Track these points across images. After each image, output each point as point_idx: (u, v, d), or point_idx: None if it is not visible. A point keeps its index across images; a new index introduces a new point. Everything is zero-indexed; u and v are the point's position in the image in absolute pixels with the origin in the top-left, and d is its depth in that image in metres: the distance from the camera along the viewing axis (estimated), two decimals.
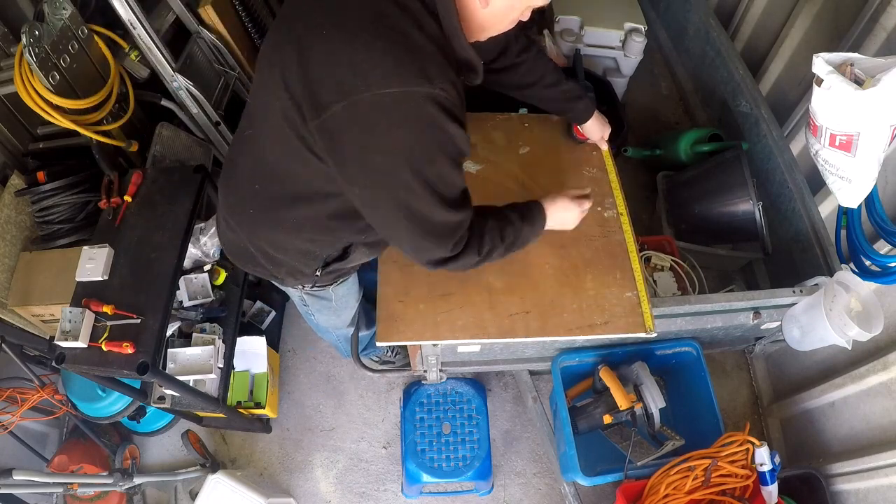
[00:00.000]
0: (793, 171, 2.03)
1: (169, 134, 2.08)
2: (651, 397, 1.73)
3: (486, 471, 2.11)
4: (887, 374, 1.69)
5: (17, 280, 1.87)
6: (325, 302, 1.60)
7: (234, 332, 1.92)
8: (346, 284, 1.57)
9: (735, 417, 2.34)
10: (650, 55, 3.01)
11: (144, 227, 1.68)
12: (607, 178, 1.76)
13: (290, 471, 2.31)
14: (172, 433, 2.34)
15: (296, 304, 1.71)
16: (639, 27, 2.69)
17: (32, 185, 1.90)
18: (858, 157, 1.41)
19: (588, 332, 1.49)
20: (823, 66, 1.34)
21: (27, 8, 1.92)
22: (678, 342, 1.90)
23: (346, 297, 1.65)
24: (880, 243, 1.72)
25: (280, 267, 1.38)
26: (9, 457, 2.04)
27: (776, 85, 2.45)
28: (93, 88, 1.85)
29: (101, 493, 2.14)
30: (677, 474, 1.67)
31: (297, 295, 1.58)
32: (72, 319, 1.47)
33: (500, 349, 1.90)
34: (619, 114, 2.61)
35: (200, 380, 1.78)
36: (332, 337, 2.04)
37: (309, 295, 1.56)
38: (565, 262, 1.58)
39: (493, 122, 1.85)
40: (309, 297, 1.58)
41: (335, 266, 1.39)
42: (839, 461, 1.84)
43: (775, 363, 2.35)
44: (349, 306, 1.71)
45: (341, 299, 1.62)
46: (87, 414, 2.08)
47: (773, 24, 2.46)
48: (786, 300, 1.73)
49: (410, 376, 2.39)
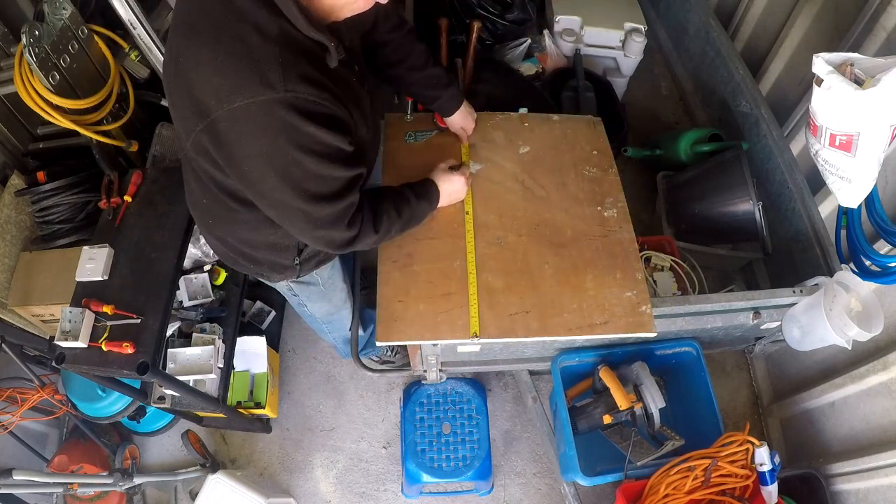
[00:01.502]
0: (793, 171, 2.03)
1: (169, 134, 2.08)
2: (651, 397, 1.73)
3: (486, 471, 2.11)
4: (887, 374, 1.69)
5: (17, 280, 1.88)
6: (313, 287, 1.64)
7: (234, 332, 1.92)
8: (329, 268, 1.60)
9: (735, 417, 2.34)
10: (650, 55, 3.02)
11: (144, 227, 1.68)
12: (608, 178, 1.76)
13: (290, 471, 2.31)
14: (172, 433, 2.34)
15: (288, 300, 1.74)
16: (639, 27, 2.69)
17: (32, 185, 1.90)
18: (858, 157, 1.41)
19: (588, 331, 1.49)
20: (823, 66, 1.34)
21: (27, 8, 1.92)
22: (678, 342, 1.90)
23: (333, 279, 1.68)
24: (880, 243, 1.72)
25: (261, 264, 1.45)
26: (9, 457, 2.04)
27: (776, 85, 2.45)
28: (93, 88, 1.85)
29: (101, 493, 2.14)
30: (677, 474, 1.67)
31: (285, 286, 1.62)
32: (72, 319, 1.47)
33: (500, 349, 1.90)
34: (619, 114, 2.62)
35: (200, 380, 1.78)
36: (330, 337, 2.04)
37: (296, 283, 1.60)
38: (565, 262, 1.58)
39: (493, 121, 1.85)
40: (296, 285, 1.61)
41: (309, 252, 1.45)
42: (839, 461, 1.84)
43: (775, 363, 2.35)
44: (337, 288, 1.74)
45: (328, 282, 1.65)
46: (87, 414, 2.08)
47: (773, 24, 2.46)
48: (786, 300, 1.73)
49: (410, 376, 2.39)
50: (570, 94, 2.52)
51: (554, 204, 1.68)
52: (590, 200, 1.70)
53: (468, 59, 2.25)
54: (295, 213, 1.16)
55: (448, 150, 1.77)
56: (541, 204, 1.68)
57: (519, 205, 1.67)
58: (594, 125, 1.88)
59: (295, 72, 1.00)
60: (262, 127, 1.01)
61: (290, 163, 1.06)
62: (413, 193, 1.45)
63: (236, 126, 1.01)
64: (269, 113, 0.99)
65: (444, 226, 1.62)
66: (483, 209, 1.66)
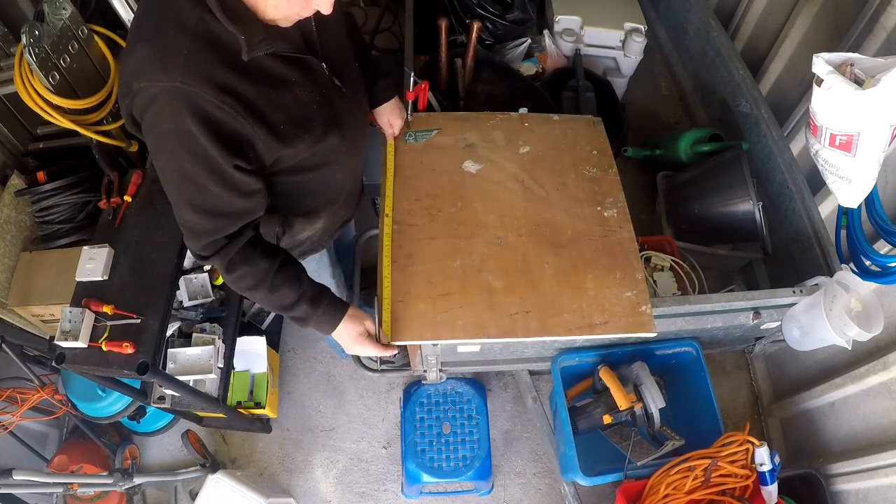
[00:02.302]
0: (793, 171, 2.03)
1: None
2: (651, 397, 1.72)
3: (486, 471, 2.11)
4: (887, 374, 1.69)
5: (17, 280, 1.88)
6: None
7: (234, 332, 1.92)
8: (314, 261, 1.61)
9: (735, 417, 2.34)
10: (650, 55, 3.02)
11: (144, 227, 1.68)
12: (608, 178, 1.75)
13: (290, 471, 2.31)
14: (172, 433, 2.34)
15: None
16: (639, 27, 2.70)
17: (32, 185, 1.90)
18: (858, 157, 1.41)
19: (588, 331, 1.49)
20: (823, 66, 1.34)
21: (27, 8, 1.92)
22: (678, 342, 1.90)
23: (319, 272, 1.68)
24: (880, 243, 1.72)
25: None
26: (9, 457, 2.04)
27: (776, 85, 2.45)
28: (93, 88, 1.85)
29: (101, 493, 2.15)
30: (677, 474, 1.67)
31: None
32: (72, 319, 1.47)
33: (500, 349, 1.90)
34: (619, 114, 2.62)
35: (200, 380, 1.78)
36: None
37: None
38: (565, 262, 1.58)
39: (493, 121, 1.85)
40: None
41: (287, 242, 1.46)
42: (839, 461, 1.84)
43: (775, 363, 2.35)
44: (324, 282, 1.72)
45: (313, 274, 1.64)
46: (87, 414, 2.08)
47: (773, 24, 2.46)
48: (786, 300, 1.73)
49: (410, 376, 2.39)
50: (570, 94, 2.53)
51: (554, 204, 1.68)
52: (590, 200, 1.70)
53: (468, 59, 2.25)
54: (173, 201, 1.15)
55: (448, 150, 1.77)
56: (541, 204, 1.68)
57: (519, 205, 1.67)
58: (594, 125, 1.88)
59: (198, 66, 1.01)
60: (156, 110, 1.03)
61: (169, 152, 1.07)
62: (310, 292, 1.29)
63: (142, 103, 1.04)
64: (164, 98, 1.02)
65: (444, 226, 1.62)
66: (483, 209, 1.66)
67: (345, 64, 1.32)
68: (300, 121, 1.16)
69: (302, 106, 1.17)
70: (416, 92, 1.77)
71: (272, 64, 1.10)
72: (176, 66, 1.00)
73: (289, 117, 1.14)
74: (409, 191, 1.68)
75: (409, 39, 2.18)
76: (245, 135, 1.08)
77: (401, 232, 1.60)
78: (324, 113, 1.21)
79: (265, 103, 1.09)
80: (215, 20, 1.01)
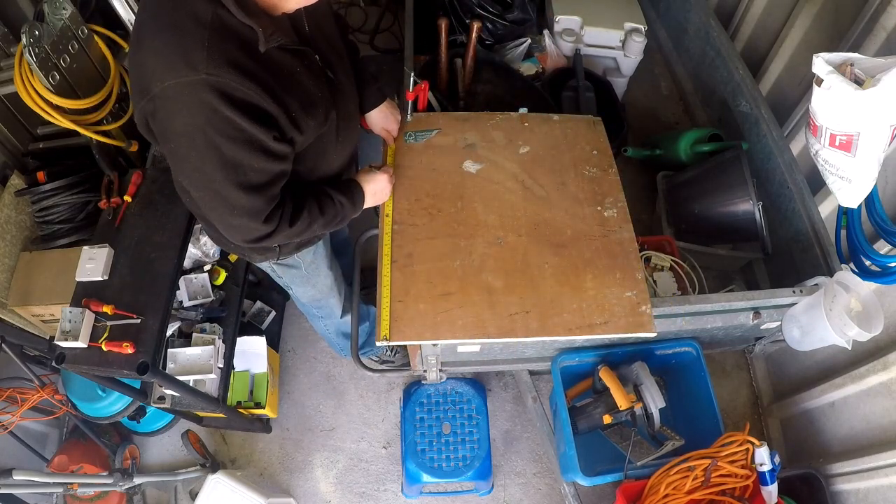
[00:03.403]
0: (793, 171, 2.03)
1: None
2: (651, 397, 1.73)
3: (486, 471, 2.11)
4: (887, 374, 1.69)
5: (17, 280, 1.88)
6: (295, 271, 1.66)
7: (234, 332, 1.92)
8: (311, 252, 1.62)
9: (735, 417, 2.34)
10: (650, 55, 3.02)
11: (144, 227, 1.68)
12: (608, 178, 1.76)
13: (290, 471, 2.31)
14: (172, 433, 2.34)
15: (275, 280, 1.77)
16: (639, 27, 2.70)
17: (32, 185, 1.90)
18: (858, 157, 1.41)
19: (588, 331, 1.49)
20: (823, 66, 1.34)
21: (27, 8, 1.92)
22: (678, 342, 1.90)
23: (316, 264, 1.69)
24: (880, 243, 1.72)
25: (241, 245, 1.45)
26: (9, 457, 2.04)
27: (776, 85, 2.45)
28: (93, 88, 1.85)
29: (101, 493, 2.15)
30: (677, 474, 1.67)
31: (269, 267, 1.64)
32: (72, 319, 1.47)
33: (500, 349, 1.90)
34: (619, 114, 2.62)
35: (200, 380, 1.78)
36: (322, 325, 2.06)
37: (278, 265, 1.62)
38: (565, 262, 1.58)
39: (493, 121, 1.85)
40: (279, 267, 1.63)
41: None
42: (839, 461, 1.84)
43: (775, 363, 2.35)
44: (321, 274, 1.75)
45: (310, 266, 1.67)
46: (87, 414, 2.08)
47: (773, 24, 2.46)
48: (786, 300, 1.73)
49: (410, 376, 2.39)
50: (570, 94, 2.53)
51: (554, 204, 1.68)
52: (590, 200, 1.70)
53: (468, 59, 2.25)
54: (214, 197, 1.18)
55: (448, 150, 1.77)
56: (541, 204, 1.68)
57: (519, 205, 1.67)
58: (594, 125, 1.88)
59: (221, 56, 1.03)
60: (185, 106, 1.05)
61: (208, 145, 1.08)
62: (339, 193, 1.42)
63: (166, 104, 1.06)
64: (192, 93, 1.03)
65: (444, 226, 1.62)
66: (483, 209, 1.66)
67: (336, 56, 1.36)
68: (308, 108, 1.21)
69: (308, 94, 1.22)
70: (416, 92, 1.77)
71: (280, 55, 1.15)
72: (199, 57, 1.02)
73: (300, 103, 1.19)
74: (409, 191, 1.68)
75: (409, 39, 2.18)
76: (272, 113, 1.13)
77: (401, 232, 1.60)
78: (323, 102, 1.26)
79: (281, 90, 1.13)
80: (229, 14, 1.05)
